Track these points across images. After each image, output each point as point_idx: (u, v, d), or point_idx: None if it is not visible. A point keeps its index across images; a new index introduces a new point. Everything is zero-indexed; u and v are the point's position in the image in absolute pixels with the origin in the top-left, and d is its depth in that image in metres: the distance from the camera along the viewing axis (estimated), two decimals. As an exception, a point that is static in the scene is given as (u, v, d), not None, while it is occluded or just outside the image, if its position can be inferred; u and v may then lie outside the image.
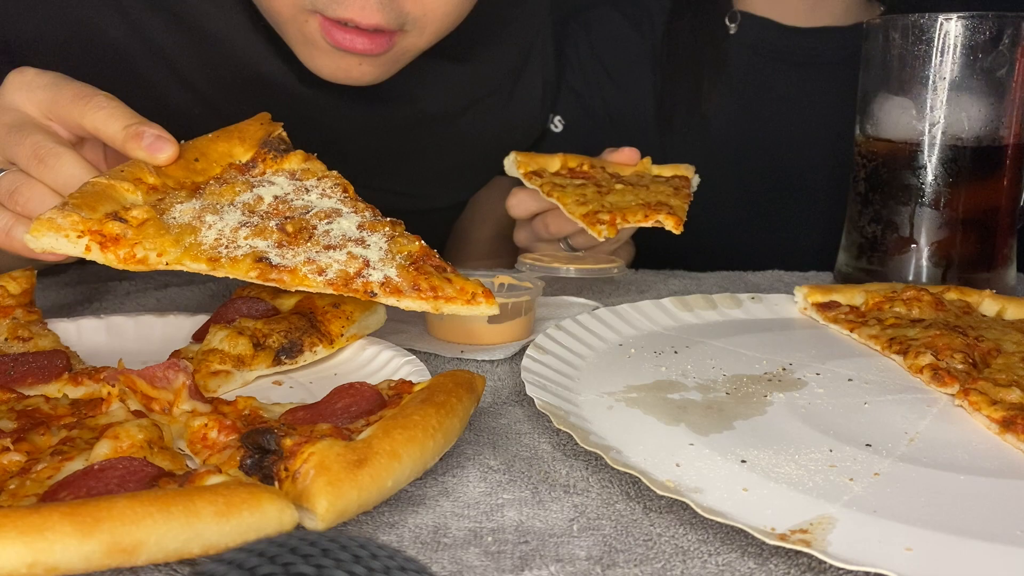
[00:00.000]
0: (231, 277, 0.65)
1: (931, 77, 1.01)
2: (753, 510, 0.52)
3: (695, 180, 1.10)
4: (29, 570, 0.41)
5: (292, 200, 0.73)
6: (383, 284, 0.65)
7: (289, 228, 0.69)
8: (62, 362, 0.69)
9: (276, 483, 0.52)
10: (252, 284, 0.87)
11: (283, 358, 0.75)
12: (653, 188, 1.04)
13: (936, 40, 1.00)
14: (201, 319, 0.85)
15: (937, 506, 0.54)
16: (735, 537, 0.52)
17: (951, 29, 1.00)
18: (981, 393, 0.69)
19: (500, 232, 1.37)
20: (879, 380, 0.76)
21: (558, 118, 1.44)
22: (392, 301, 0.66)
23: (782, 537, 0.49)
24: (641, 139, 1.18)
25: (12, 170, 0.75)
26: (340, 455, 0.51)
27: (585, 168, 1.09)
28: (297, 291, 0.65)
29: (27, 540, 0.41)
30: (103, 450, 0.53)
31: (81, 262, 1.13)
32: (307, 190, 0.75)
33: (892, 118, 1.05)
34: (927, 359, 0.76)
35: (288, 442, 0.53)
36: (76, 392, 0.67)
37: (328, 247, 0.68)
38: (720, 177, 1.22)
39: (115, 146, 0.75)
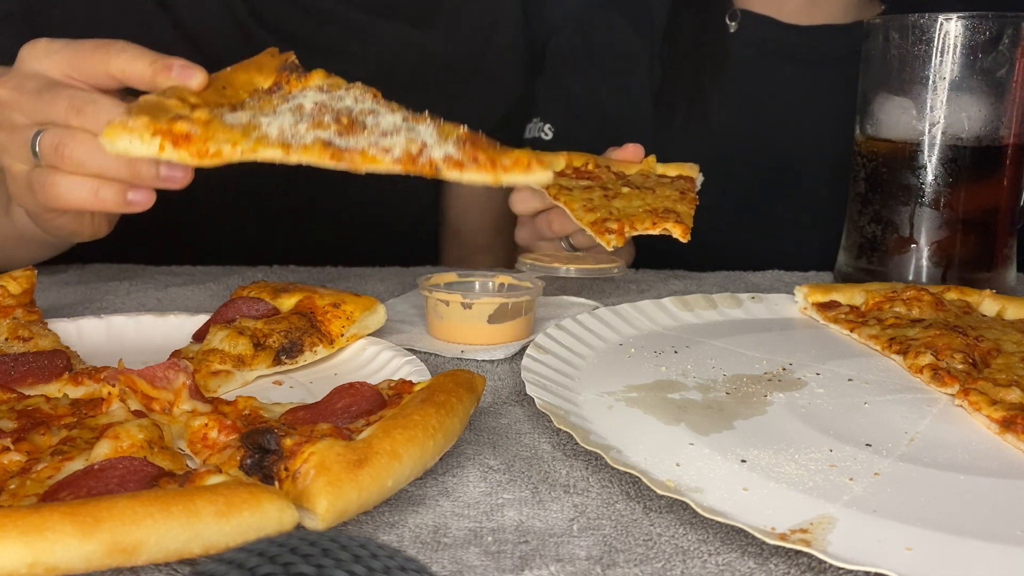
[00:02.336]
0: (304, 163, 0.66)
1: (931, 77, 1.01)
2: (753, 510, 0.52)
3: (699, 179, 1.10)
4: (29, 570, 0.41)
5: (332, 104, 0.75)
6: (445, 159, 0.67)
7: (344, 120, 0.70)
8: (62, 362, 0.69)
9: (276, 483, 0.52)
10: (252, 284, 0.87)
11: (283, 358, 0.75)
12: (659, 191, 1.03)
13: (936, 40, 1.00)
14: (201, 319, 0.85)
15: (937, 506, 0.54)
16: (735, 537, 0.52)
17: (951, 29, 1.00)
18: (981, 393, 0.69)
19: (495, 224, 1.36)
20: (879, 380, 0.76)
21: (548, 126, 1.43)
22: (455, 175, 0.67)
23: (782, 537, 0.49)
24: (638, 140, 1.18)
25: (50, 128, 0.75)
26: (340, 455, 0.51)
27: (590, 167, 1.07)
28: (367, 172, 0.67)
29: (27, 540, 0.41)
30: (103, 450, 0.53)
31: (81, 261, 1.15)
32: (340, 98, 0.77)
33: (892, 118, 1.05)
34: (927, 359, 0.76)
35: (288, 442, 0.53)
36: (76, 392, 0.67)
37: (384, 134, 0.69)
38: (720, 175, 1.22)
39: (144, 83, 0.76)
